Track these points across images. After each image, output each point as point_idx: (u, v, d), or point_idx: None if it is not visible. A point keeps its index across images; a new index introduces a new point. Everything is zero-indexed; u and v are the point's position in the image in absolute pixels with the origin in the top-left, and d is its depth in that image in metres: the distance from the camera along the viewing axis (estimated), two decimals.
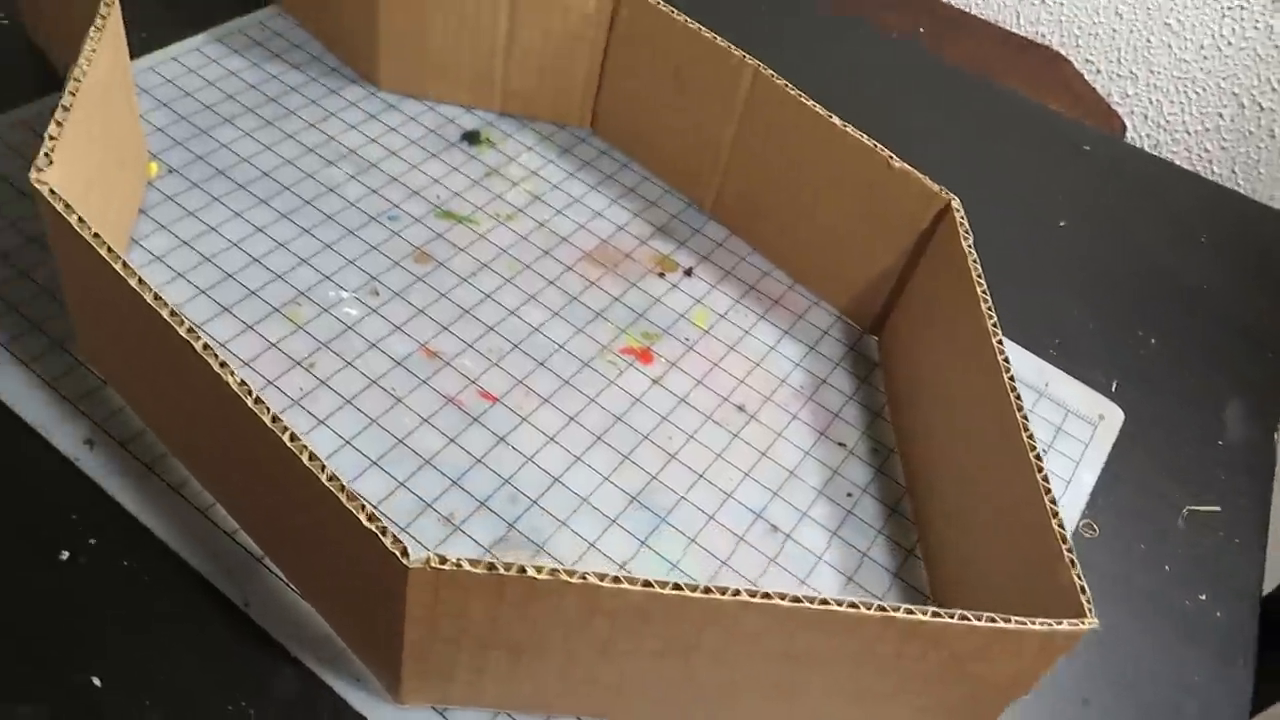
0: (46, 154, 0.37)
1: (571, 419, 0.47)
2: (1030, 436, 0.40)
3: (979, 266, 0.45)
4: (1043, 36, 0.94)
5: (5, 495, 0.39)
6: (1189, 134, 0.89)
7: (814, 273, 0.55)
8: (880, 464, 0.49)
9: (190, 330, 0.33)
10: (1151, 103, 0.90)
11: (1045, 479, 0.38)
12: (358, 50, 0.60)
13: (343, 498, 0.30)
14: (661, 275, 0.54)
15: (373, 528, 0.30)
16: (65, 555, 0.38)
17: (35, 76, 0.55)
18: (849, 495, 0.47)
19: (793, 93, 0.51)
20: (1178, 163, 0.92)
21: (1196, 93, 0.88)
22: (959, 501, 0.44)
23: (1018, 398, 0.41)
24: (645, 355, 0.50)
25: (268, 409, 0.32)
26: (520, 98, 0.60)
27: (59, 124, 0.38)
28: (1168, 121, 0.90)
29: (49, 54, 0.56)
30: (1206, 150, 0.89)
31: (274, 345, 0.46)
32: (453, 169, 0.57)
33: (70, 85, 0.40)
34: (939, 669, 0.35)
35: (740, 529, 0.45)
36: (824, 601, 0.32)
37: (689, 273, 0.55)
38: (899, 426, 0.50)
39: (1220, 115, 0.88)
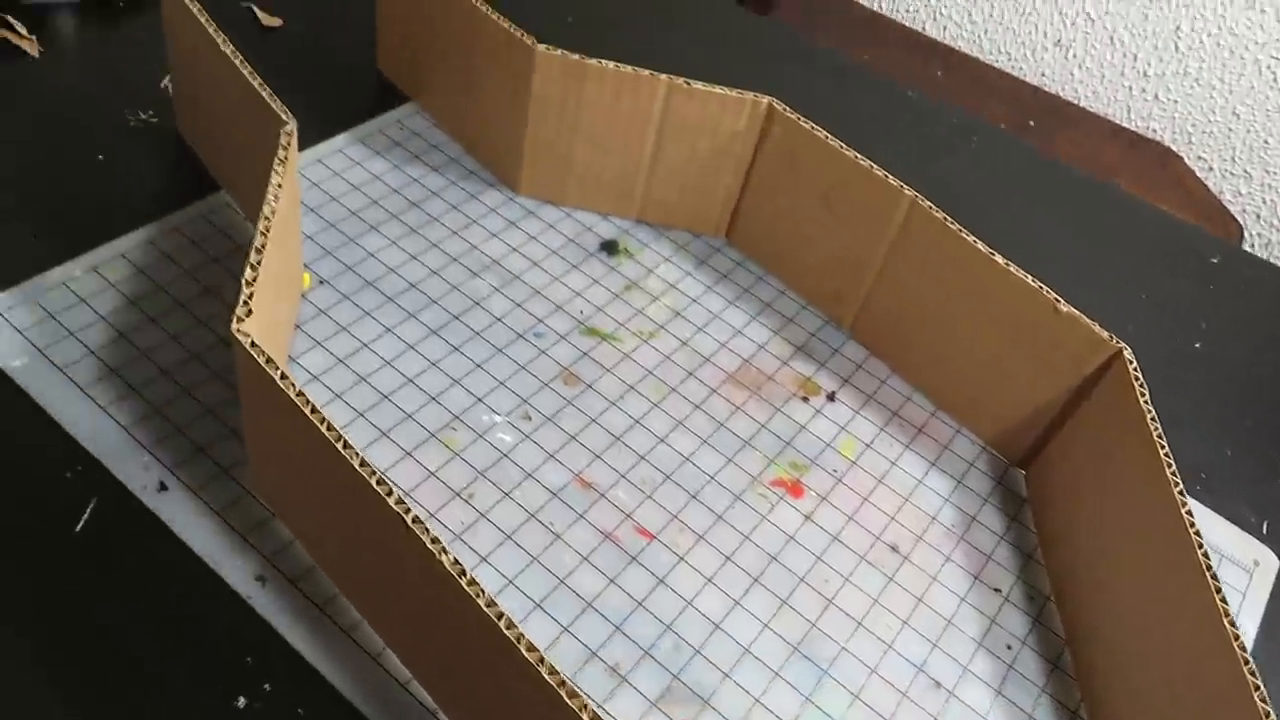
0: (245, 302, 0.37)
1: (728, 559, 0.46)
2: (1222, 597, 0.39)
3: (1157, 421, 0.44)
4: (1154, 132, 0.93)
5: (180, 633, 0.38)
6: None
7: (961, 402, 0.54)
8: (1038, 613, 0.48)
9: (380, 481, 0.33)
10: (1265, 202, 0.89)
11: (1242, 647, 0.37)
12: (500, 157, 0.60)
13: (542, 671, 0.30)
14: (805, 400, 0.54)
15: (563, 696, 0.29)
16: (242, 703, 0.37)
17: (186, 177, 0.55)
18: (1008, 648, 0.46)
19: (953, 227, 0.50)
20: None
21: None
22: (1127, 660, 0.43)
23: (1205, 555, 0.40)
24: (795, 489, 0.49)
25: (458, 564, 0.32)
26: (659, 207, 0.60)
27: (254, 268, 0.38)
28: None
29: (201, 155, 0.56)
30: None
31: (433, 474, 0.45)
32: (594, 281, 0.57)
33: (261, 225, 0.40)
34: None
35: (903, 684, 0.44)
36: None
37: (832, 397, 0.54)
38: (1054, 571, 0.49)
39: None
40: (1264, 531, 0.55)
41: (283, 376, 0.35)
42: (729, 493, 0.48)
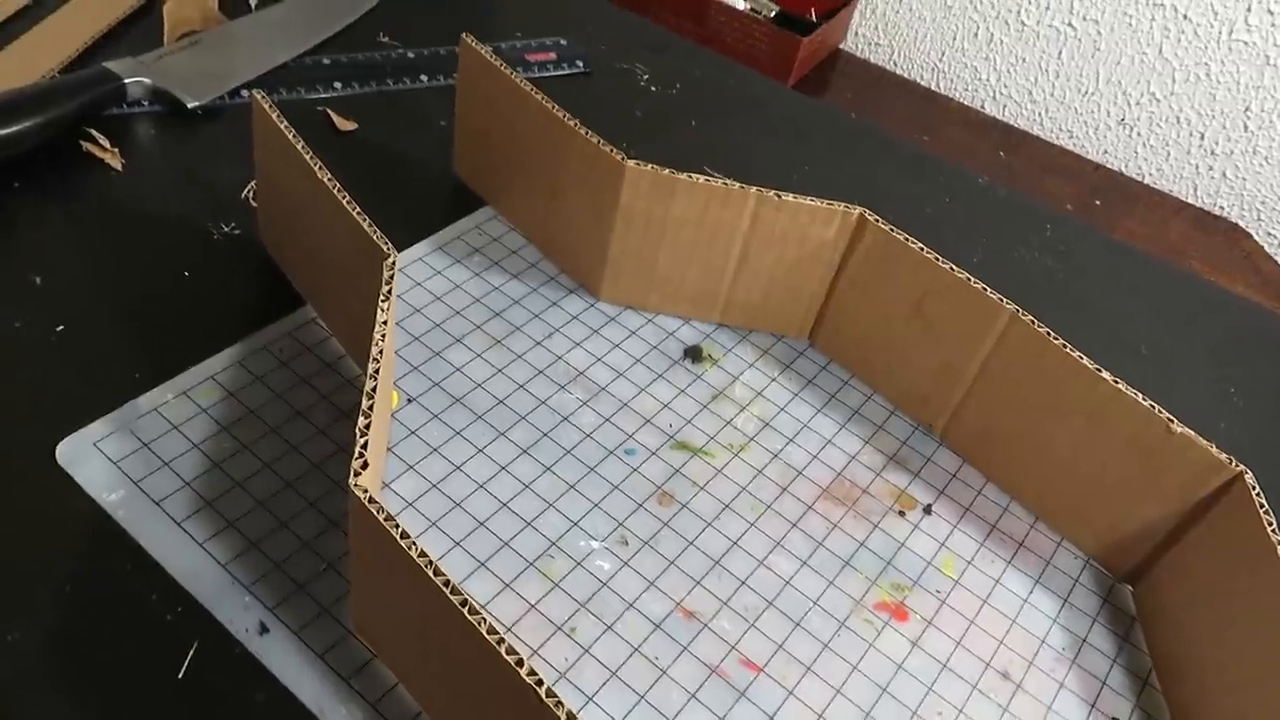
0: (360, 454, 0.36)
1: (837, 691, 0.44)
2: None
3: None
4: (1221, 209, 0.91)
5: None
6: None
7: (1061, 514, 0.53)
8: None
9: (510, 651, 0.32)
10: None
11: None
12: (582, 264, 0.59)
13: None
14: (902, 514, 0.53)
15: None
16: None
17: (271, 292, 0.55)
18: None
19: (1056, 342, 0.49)
20: None
21: None
22: None
23: None
24: (900, 613, 0.48)
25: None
26: (742, 311, 0.59)
27: (366, 415, 0.37)
28: None
29: (285, 268, 0.56)
30: None
31: (534, 607, 0.44)
32: (680, 391, 0.56)
33: (370, 368, 0.39)
34: None
35: None
36: None
37: (929, 510, 0.53)
38: (1173, 700, 0.47)
39: None
40: None
41: (403, 535, 0.34)
42: (833, 619, 0.47)
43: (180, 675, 0.40)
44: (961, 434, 0.56)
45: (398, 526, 0.34)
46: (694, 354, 0.58)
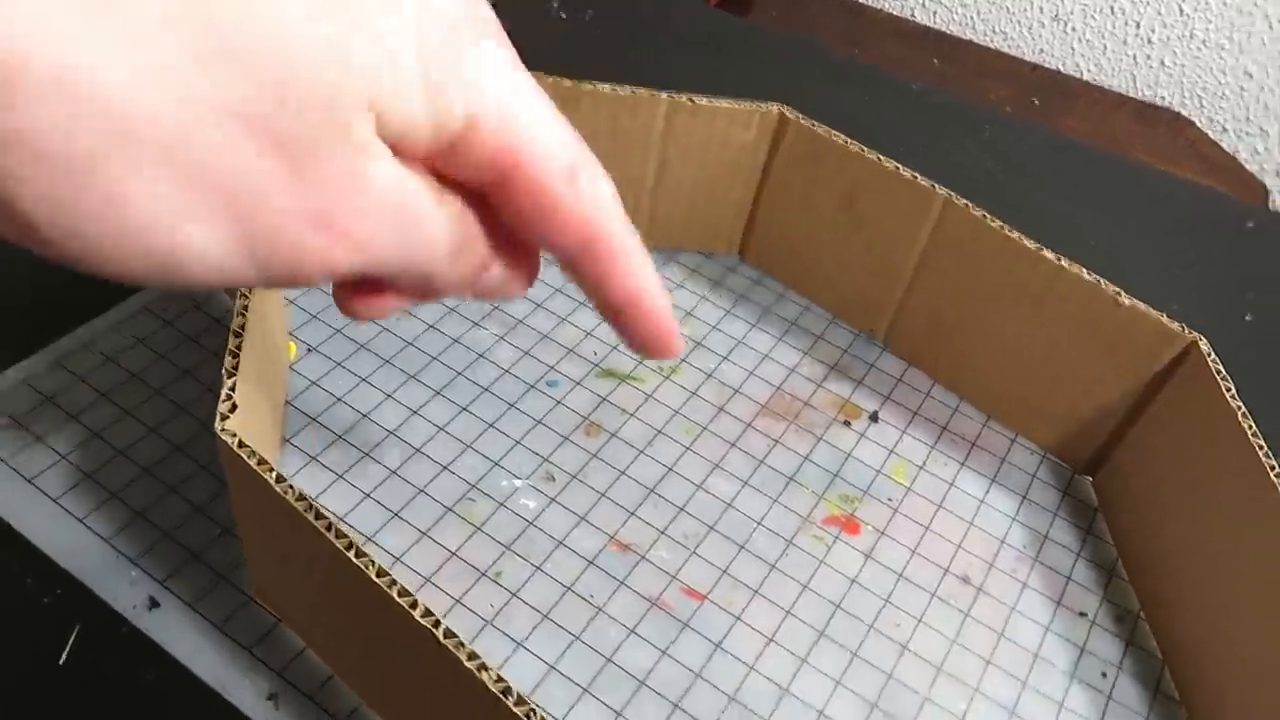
0: (228, 396, 0.32)
1: (788, 612, 0.41)
2: None
3: (1248, 416, 0.40)
4: (1163, 99, 0.89)
5: None
6: None
7: (1013, 408, 0.50)
8: (1129, 634, 0.43)
9: (403, 593, 0.28)
10: None
11: None
12: None
13: None
14: (847, 424, 0.49)
15: None
16: None
17: None
18: (1104, 675, 0.42)
19: (994, 224, 0.46)
20: None
21: None
22: (1236, 669, 0.39)
23: None
24: (851, 525, 0.45)
25: (501, 680, 0.27)
26: (665, 230, 0.56)
27: (234, 354, 0.34)
28: None
29: None
30: None
31: (454, 554, 0.41)
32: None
33: (238, 304, 0.36)
34: None
35: None
36: None
37: (875, 418, 0.50)
38: (1141, 585, 0.45)
39: None
40: None
41: (279, 479, 0.30)
42: (780, 538, 0.44)
43: (62, 661, 0.36)
44: (905, 336, 0.53)
45: (271, 470, 0.31)
46: None
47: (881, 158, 0.48)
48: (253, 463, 0.31)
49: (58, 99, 0.15)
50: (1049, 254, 0.45)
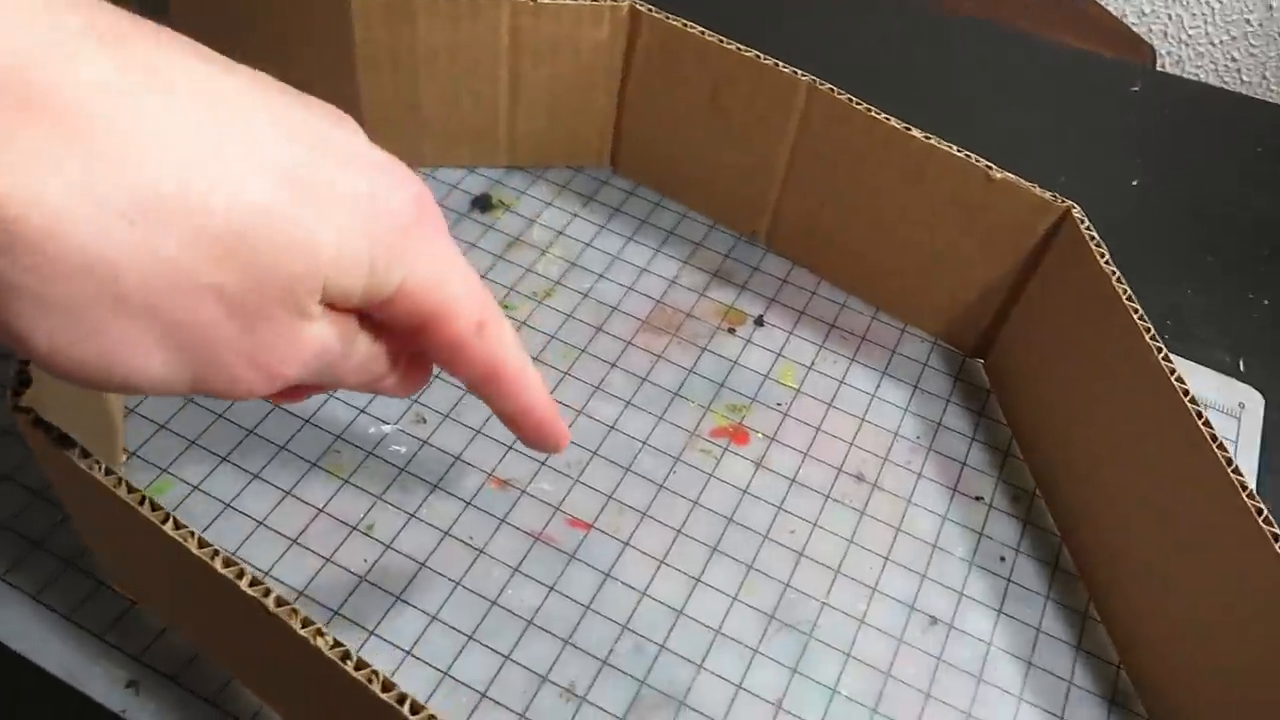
0: (20, 370, 0.29)
1: (679, 532, 0.40)
2: (1219, 445, 0.34)
3: (1122, 280, 0.39)
4: None
5: None
6: (1214, 45, 0.83)
7: (900, 298, 0.49)
8: (1026, 514, 0.43)
9: (228, 562, 0.26)
10: (1172, 18, 0.84)
11: (1251, 495, 0.33)
12: None
13: None
14: (731, 330, 0.48)
15: None
16: None
17: None
18: (1002, 560, 0.41)
19: (860, 107, 0.44)
20: (1204, 78, 0.86)
21: (1220, 1, 0.81)
22: (1129, 537, 0.38)
23: (1194, 403, 0.35)
24: (739, 434, 0.44)
25: (338, 645, 0.25)
26: (528, 147, 0.53)
27: None
28: (1190, 36, 0.83)
29: None
30: (1234, 60, 0.83)
31: (322, 511, 0.39)
32: (472, 245, 0.50)
33: None
34: None
35: (896, 629, 0.39)
36: None
37: (760, 322, 0.48)
38: (1035, 465, 0.44)
39: (1247, 21, 0.81)
40: (1242, 369, 0.51)
41: (83, 454, 0.28)
42: (667, 456, 0.42)
43: None
44: (786, 235, 0.51)
45: (75, 446, 0.28)
46: (482, 203, 0.52)
47: (741, 48, 0.46)
48: (50, 439, 0.28)
49: (52, 262, 0.18)
50: (917, 133, 0.43)
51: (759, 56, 0.46)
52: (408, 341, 0.26)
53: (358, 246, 0.22)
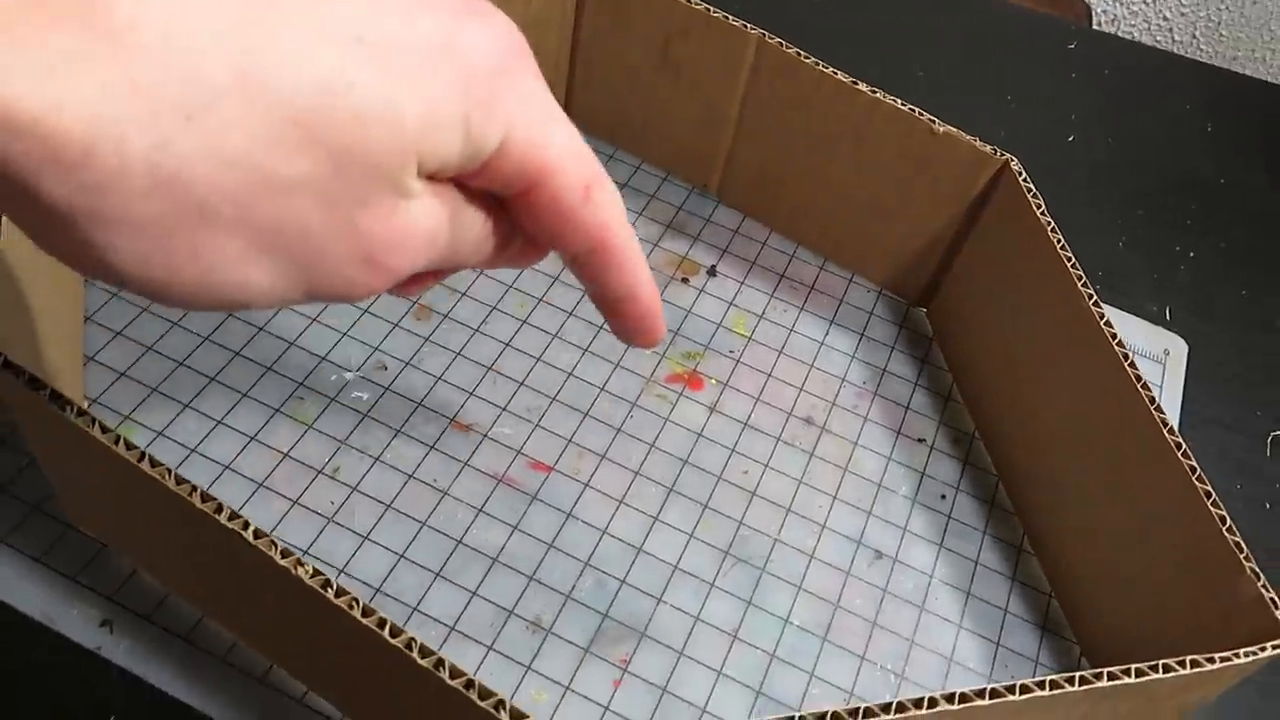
0: None
1: (636, 474, 0.42)
2: (1143, 384, 0.36)
3: (1056, 230, 0.41)
4: None
5: (23, 712, 0.32)
6: (1146, 4, 0.85)
7: (847, 248, 0.50)
8: (965, 454, 0.45)
9: (206, 497, 0.27)
10: None
11: (1173, 432, 0.35)
12: None
13: (442, 675, 0.25)
14: (685, 281, 0.49)
15: (472, 697, 0.25)
16: None
17: None
18: (943, 498, 0.43)
19: (808, 61, 0.45)
20: (1138, 37, 0.88)
21: None
22: (1060, 477, 0.41)
23: (1121, 346, 0.37)
24: (694, 380, 0.45)
25: (318, 575, 0.26)
26: None
27: None
28: None
29: None
30: (1165, 19, 0.86)
31: (287, 455, 0.40)
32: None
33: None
34: (1130, 714, 0.32)
35: (844, 563, 0.41)
36: (1025, 689, 0.28)
37: (713, 272, 0.50)
38: (974, 408, 0.46)
39: None
40: (1168, 318, 0.53)
41: (54, 396, 0.28)
42: (624, 401, 0.44)
43: None
44: (737, 187, 0.52)
45: (45, 388, 0.28)
46: None
47: (692, 1, 0.47)
48: (22, 381, 0.28)
49: (114, 178, 0.16)
50: (864, 87, 0.44)
51: (709, 10, 0.47)
52: (513, 210, 0.23)
53: (447, 106, 0.20)
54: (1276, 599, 0.32)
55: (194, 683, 0.34)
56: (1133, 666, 0.29)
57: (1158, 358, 0.51)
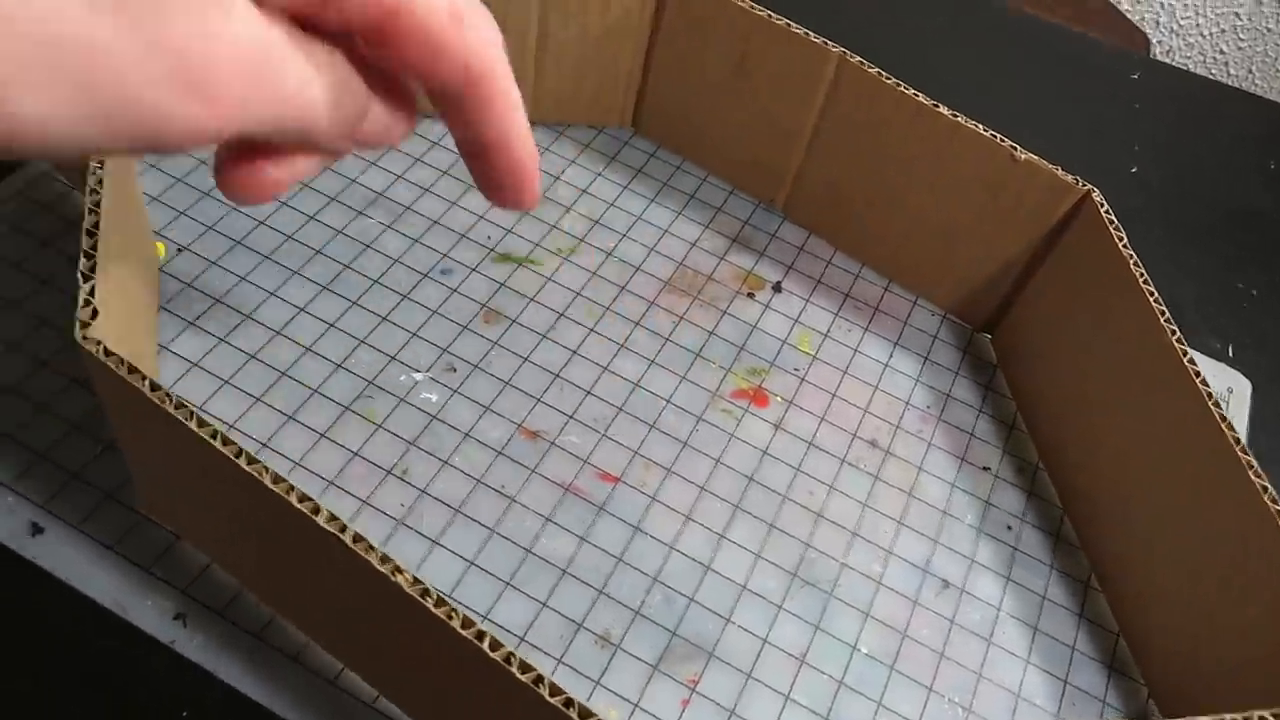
0: (87, 301, 0.30)
1: (702, 489, 0.41)
2: (1229, 425, 0.36)
3: (1140, 264, 0.41)
4: None
5: (97, 701, 0.32)
6: (1203, 37, 0.85)
7: (913, 271, 0.50)
8: (1030, 485, 0.45)
9: (304, 498, 0.27)
10: (1164, 7, 0.85)
11: (1257, 473, 0.34)
12: None
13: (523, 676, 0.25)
14: (751, 296, 0.49)
15: (544, 695, 0.25)
16: None
17: None
18: (1009, 529, 0.43)
19: (889, 82, 0.45)
20: (1193, 69, 0.88)
21: None
22: (1130, 512, 0.40)
23: (1211, 398, 0.37)
24: (759, 397, 0.45)
25: (418, 583, 0.26)
26: (552, 102, 0.53)
27: (90, 256, 0.31)
28: (1181, 26, 0.85)
29: None
30: (1222, 52, 0.85)
31: (357, 454, 0.39)
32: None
33: (89, 200, 0.32)
34: None
35: (911, 591, 0.40)
36: None
37: (778, 288, 0.50)
38: (1039, 438, 0.46)
39: (1236, 15, 0.83)
40: (1230, 355, 0.53)
41: (154, 387, 0.28)
42: (690, 415, 0.44)
43: None
44: (805, 204, 0.52)
45: (144, 378, 0.28)
46: None
47: (773, 15, 0.47)
48: (122, 371, 0.28)
49: None
50: (945, 110, 0.44)
51: (789, 25, 0.46)
52: (375, 55, 0.21)
53: None
54: None
55: (265, 681, 0.33)
56: (1226, 717, 0.29)
57: (1221, 396, 0.51)
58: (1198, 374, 0.37)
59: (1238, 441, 0.36)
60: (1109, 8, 0.84)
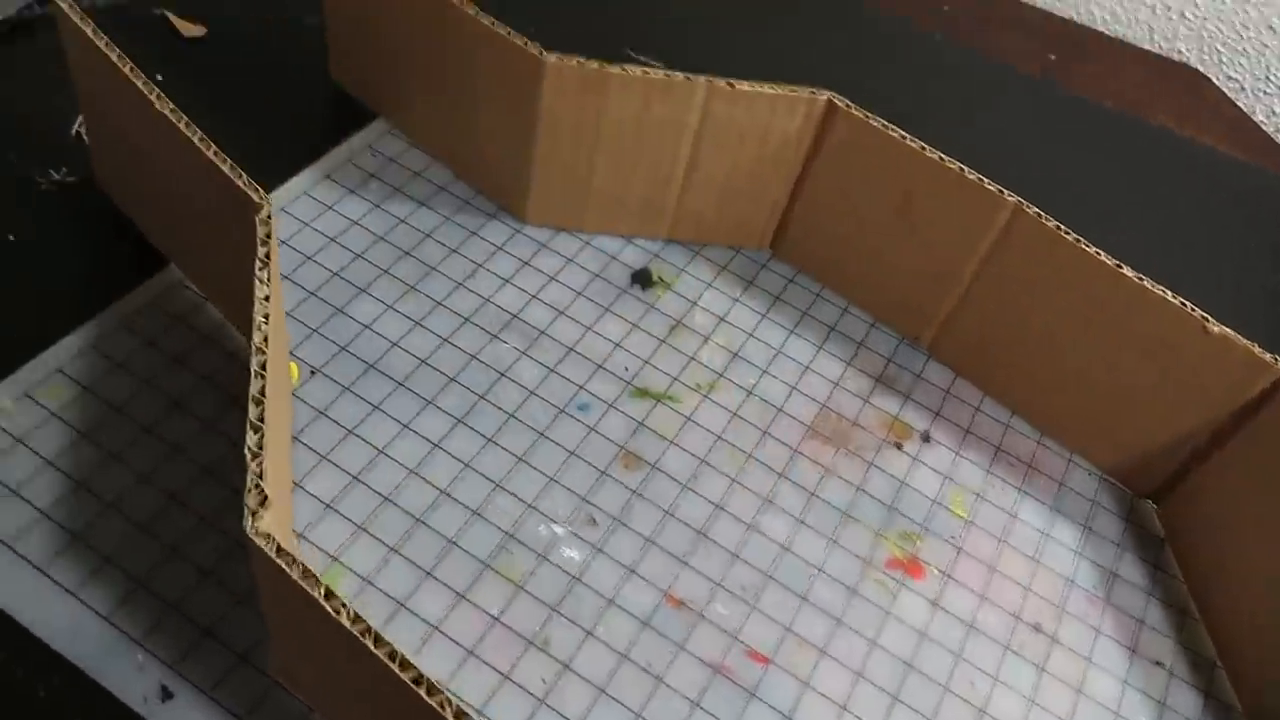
0: (257, 486, 0.28)
1: (859, 675, 0.38)
2: None
3: None
4: (1180, 53, 0.85)
5: None
6: None
7: (1072, 428, 0.47)
8: (1207, 685, 0.41)
9: (437, 695, 0.24)
10: None
11: None
12: (501, 183, 0.50)
13: None
14: (898, 446, 0.46)
15: None
16: None
17: (122, 251, 0.45)
18: None
19: (1068, 237, 0.42)
20: None
21: None
22: None
23: None
24: (914, 568, 0.42)
25: None
26: (690, 223, 0.51)
27: (257, 428, 0.29)
28: None
29: (135, 219, 0.46)
30: None
31: (497, 620, 0.37)
32: (633, 326, 0.48)
33: (255, 361, 0.30)
34: None
35: None
36: None
37: (926, 438, 0.47)
38: (1216, 634, 0.42)
39: None
40: None
41: (328, 595, 0.26)
42: (842, 586, 0.41)
43: None
44: (953, 345, 0.49)
45: (318, 584, 0.26)
46: (643, 278, 0.50)
47: (944, 157, 0.44)
48: (295, 574, 0.26)
49: None
50: (1129, 272, 0.41)
51: (962, 170, 0.44)
52: None
53: None
54: None
55: None
56: None
57: None
58: None
59: None
60: (1246, 120, 0.81)
